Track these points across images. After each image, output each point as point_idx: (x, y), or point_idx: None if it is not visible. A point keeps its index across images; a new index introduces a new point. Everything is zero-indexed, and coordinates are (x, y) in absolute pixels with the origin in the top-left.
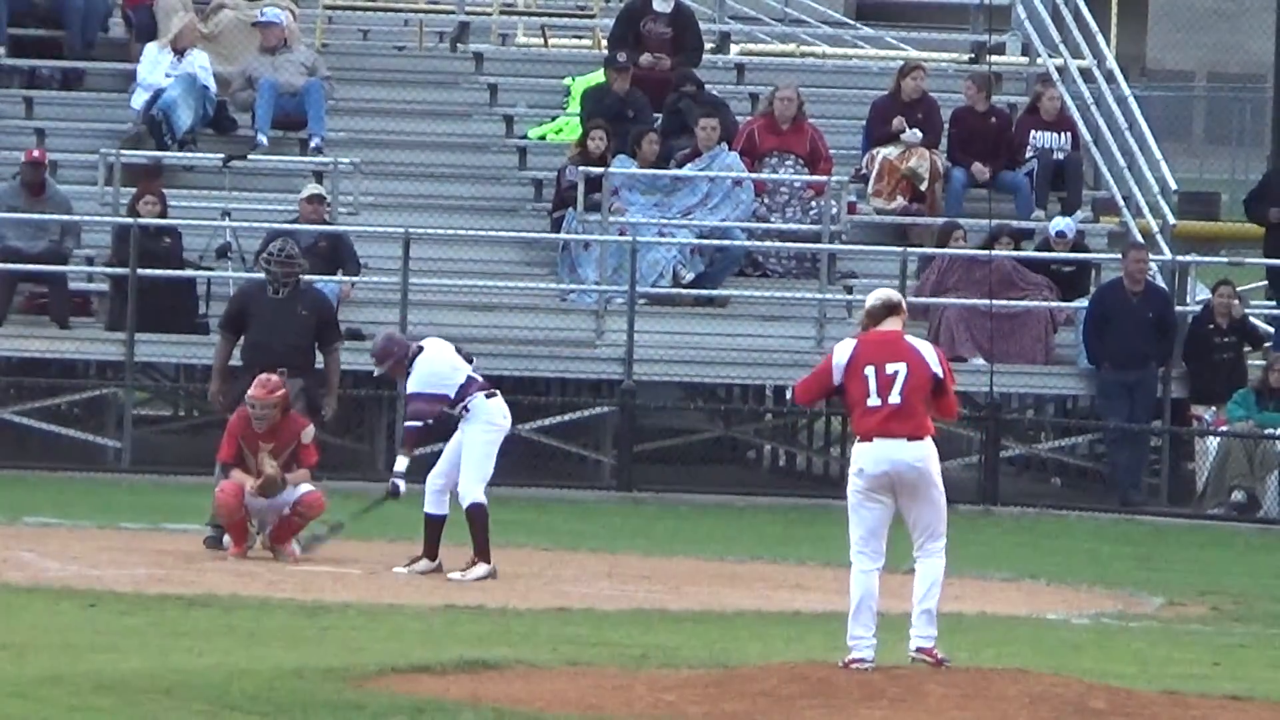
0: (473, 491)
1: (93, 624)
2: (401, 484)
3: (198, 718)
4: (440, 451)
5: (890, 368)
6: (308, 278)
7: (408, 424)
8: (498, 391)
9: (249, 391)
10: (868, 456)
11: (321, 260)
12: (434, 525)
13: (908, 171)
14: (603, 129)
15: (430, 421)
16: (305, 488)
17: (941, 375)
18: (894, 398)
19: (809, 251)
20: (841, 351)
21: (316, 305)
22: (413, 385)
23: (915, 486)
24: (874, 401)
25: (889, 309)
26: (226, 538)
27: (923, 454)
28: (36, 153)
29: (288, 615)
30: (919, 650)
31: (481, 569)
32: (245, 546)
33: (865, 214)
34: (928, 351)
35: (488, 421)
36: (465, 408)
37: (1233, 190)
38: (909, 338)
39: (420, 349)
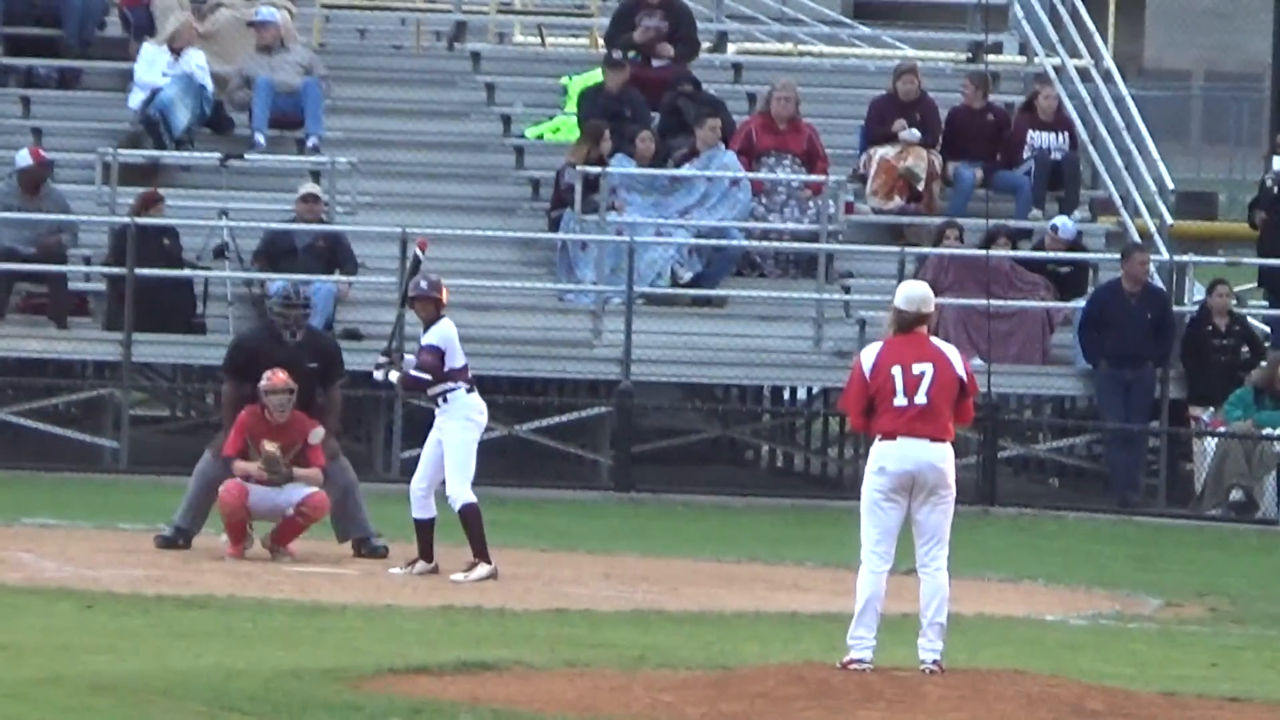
0: (461, 493)
1: (90, 625)
2: (381, 375)
3: (195, 718)
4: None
5: (917, 368)
6: (306, 275)
7: (415, 373)
8: (475, 388)
9: (261, 385)
10: (891, 455)
11: (319, 260)
12: (424, 529)
13: (904, 171)
14: (607, 129)
15: (429, 379)
16: (309, 489)
17: (966, 379)
18: (920, 398)
19: (806, 251)
20: (868, 355)
21: (323, 354)
22: (433, 339)
23: (934, 489)
24: (900, 401)
25: (920, 319)
26: (224, 537)
27: (945, 456)
28: (42, 153)
29: (285, 616)
30: (934, 663)
31: (483, 569)
32: (243, 548)
33: (863, 213)
34: (954, 354)
35: (466, 418)
36: (445, 396)
37: (1230, 190)
38: (935, 340)
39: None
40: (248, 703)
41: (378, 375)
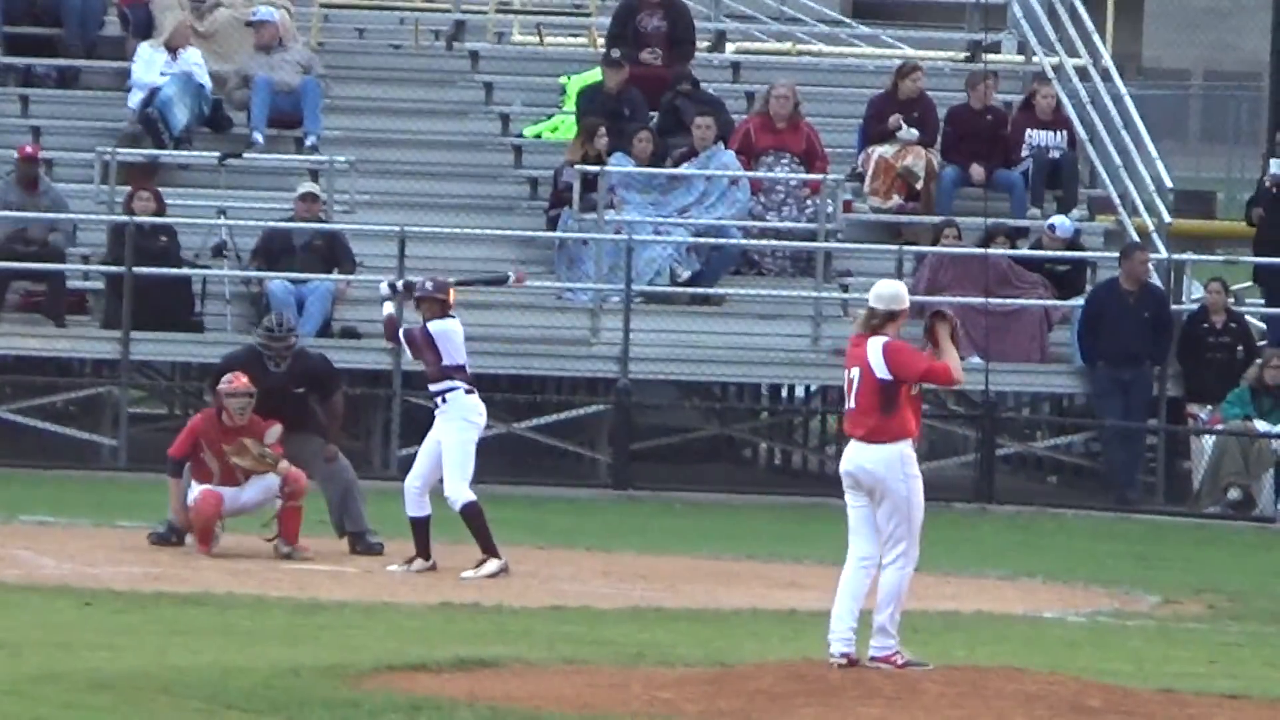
0: (460, 493)
1: (89, 622)
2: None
3: (194, 716)
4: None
5: (852, 371)
6: (305, 274)
7: (402, 331)
8: (475, 389)
9: (220, 389)
10: (843, 455)
11: (317, 259)
12: (420, 526)
13: (903, 170)
14: (603, 127)
15: (405, 348)
16: (273, 480)
17: (889, 377)
18: (851, 401)
19: (805, 250)
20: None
21: (310, 376)
22: (433, 328)
23: (873, 490)
24: (848, 404)
25: (887, 317)
26: (189, 537)
27: (876, 458)
28: (30, 148)
29: (284, 613)
30: (871, 659)
31: (493, 565)
32: (210, 546)
33: (861, 212)
34: (875, 354)
35: (464, 419)
36: (444, 396)
37: (1228, 189)
38: (872, 340)
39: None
40: (246, 700)
41: (382, 290)
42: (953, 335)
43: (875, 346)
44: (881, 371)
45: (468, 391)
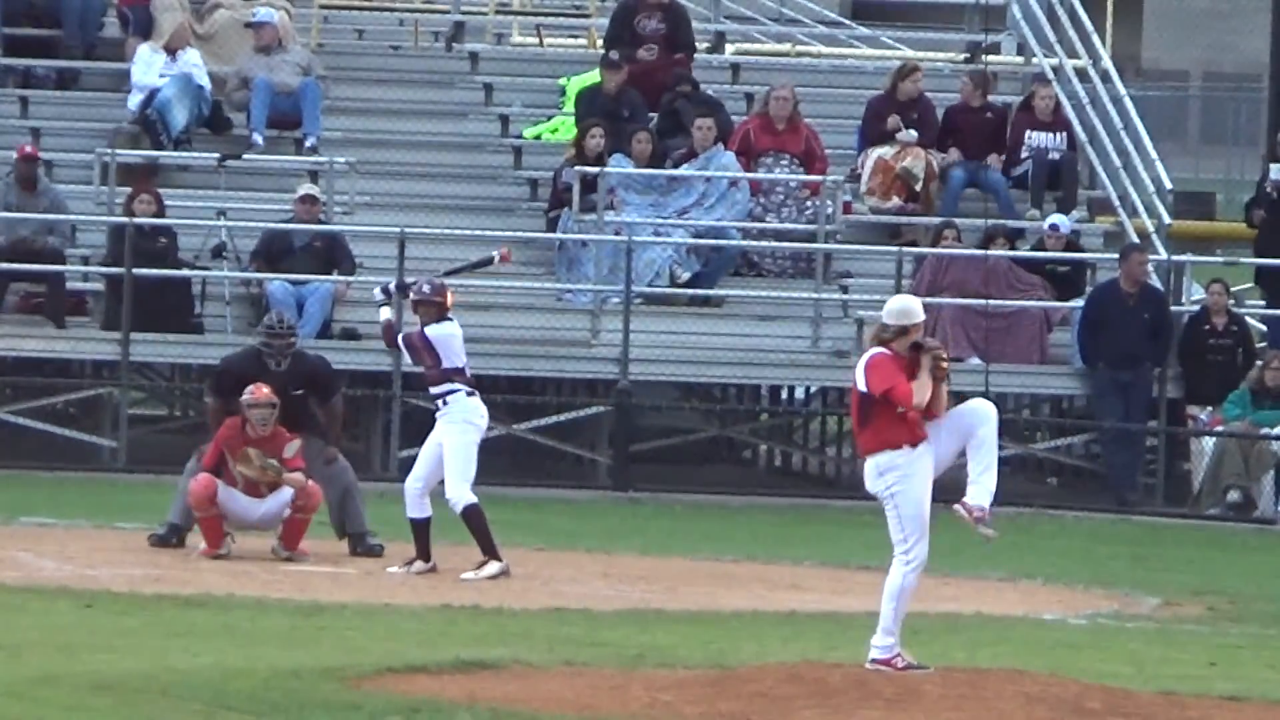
0: (461, 495)
1: (89, 624)
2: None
3: (194, 718)
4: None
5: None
6: (304, 275)
7: (400, 339)
8: (477, 391)
9: (243, 400)
10: None
11: (317, 260)
12: (420, 528)
13: (902, 171)
14: (600, 128)
15: (404, 354)
16: (290, 492)
17: (866, 389)
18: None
19: (804, 251)
20: None
21: (310, 378)
22: (431, 332)
23: (878, 499)
24: None
25: (899, 332)
26: (190, 539)
27: (867, 470)
28: (29, 148)
29: (284, 615)
30: (871, 662)
31: (493, 567)
32: (218, 550)
33: (860, 214)
34: (859, 367)
35: (466, 421)
36: (445, 399)
37: (1228, 190)
38: (869, 352)
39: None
40: (246, 702)
41: (376, 295)
42: (936, 367)
43: (864, 358)
44: (860, 383)
45: (469, 394)
